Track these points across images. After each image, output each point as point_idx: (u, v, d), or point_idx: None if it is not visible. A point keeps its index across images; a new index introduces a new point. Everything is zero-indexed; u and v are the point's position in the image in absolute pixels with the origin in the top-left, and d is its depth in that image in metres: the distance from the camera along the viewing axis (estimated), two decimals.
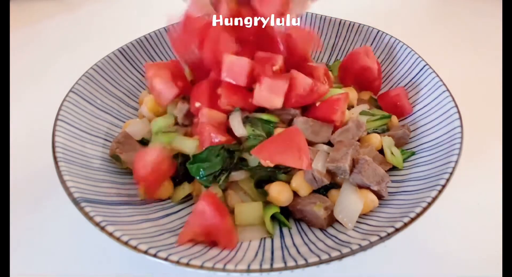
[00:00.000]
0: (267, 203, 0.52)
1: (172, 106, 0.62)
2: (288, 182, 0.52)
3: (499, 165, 0.61)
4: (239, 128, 0.53)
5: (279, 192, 0.50)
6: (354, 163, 0.50)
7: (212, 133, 0.52)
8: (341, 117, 0.56)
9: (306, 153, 0.49)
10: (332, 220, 0.49)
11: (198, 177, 0.51)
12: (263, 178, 0.53)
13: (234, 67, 0.55)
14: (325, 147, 0.54)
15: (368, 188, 0.50)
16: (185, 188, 0.55)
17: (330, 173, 0.51)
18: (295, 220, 0.53)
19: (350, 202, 0.48)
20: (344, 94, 0.56)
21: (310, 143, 0.53)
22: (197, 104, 0.56)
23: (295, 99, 0.55)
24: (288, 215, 0.53)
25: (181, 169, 0.55)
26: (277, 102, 0.54)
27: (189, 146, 0.54)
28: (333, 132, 0.56)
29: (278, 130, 0.53)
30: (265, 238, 0.49)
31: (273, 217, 0.51)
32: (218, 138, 0.51)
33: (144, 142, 0.59)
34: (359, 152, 0.52)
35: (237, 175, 0.52)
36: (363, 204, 0.48)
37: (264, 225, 0.49)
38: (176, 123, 0.61)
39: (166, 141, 0.56)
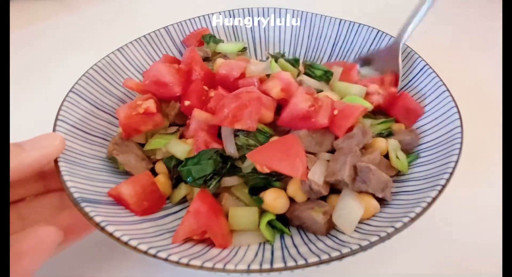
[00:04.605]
0: (263, 211, 0.50)
1: (165, 105, 0.61)
2: (284, 188, 0.50)
3: (499, 165, 0.61)
4: (230, 147, 0.50)
5: (274, 199, 0.48)
6: (356, 171, 0.48)
7: (206, 140, 0.51)
8: (346, 132, 0.52)
9: (303, 161, 0.47)
10: (331, 226, 0.48)
11: (188, 180, 0.50)
12: (258, 185, 0.51)
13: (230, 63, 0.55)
14: (326, 154, 0.52)
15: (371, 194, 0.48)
16: (182, 189, 0.54)
17: (329, 183, 0.49)
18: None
19: (350, 209, 0.46)
20: (360, 108, 0.52)
21: (315, 155, 0.51)
22: (187, 103, 0.56)
23: (290, 122, 0.53)
24: (287, 221, 0.51)
25: (175, 172, 0.54)
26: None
27: (181, 151, 0.53)
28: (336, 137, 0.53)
29: (273, 139, 0.51)
30: None
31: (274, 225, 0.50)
32: (212, 146, 0.51)
33: (141, 143, 0.59)
34: (360, 158, 0.50)
35: (230, 181, 0.51)
36: (363, 210, 0.46)
37: (260, 230, 0.48)
38: (170, 124, 0.60)
39: (162, 144, 0.56)
